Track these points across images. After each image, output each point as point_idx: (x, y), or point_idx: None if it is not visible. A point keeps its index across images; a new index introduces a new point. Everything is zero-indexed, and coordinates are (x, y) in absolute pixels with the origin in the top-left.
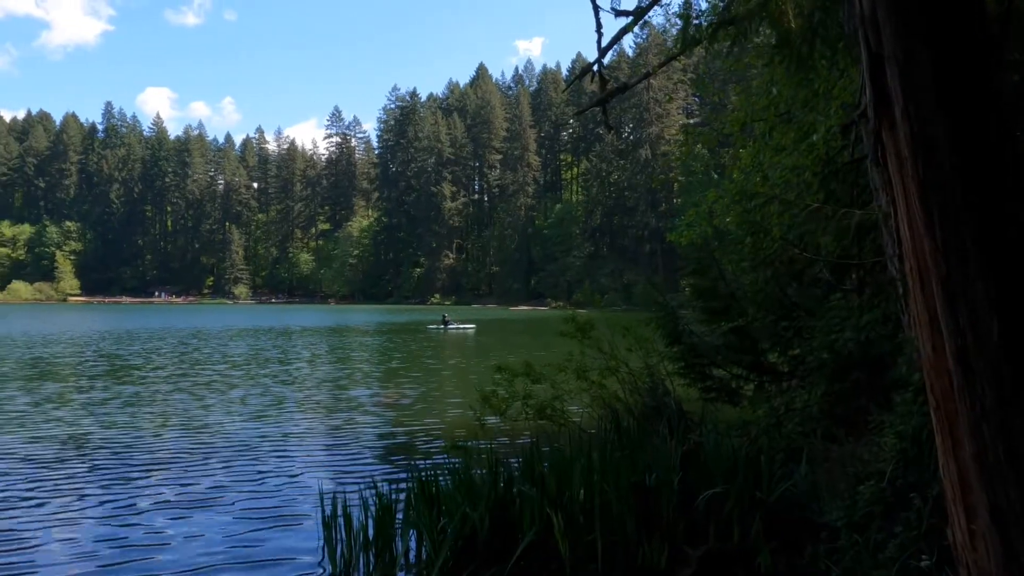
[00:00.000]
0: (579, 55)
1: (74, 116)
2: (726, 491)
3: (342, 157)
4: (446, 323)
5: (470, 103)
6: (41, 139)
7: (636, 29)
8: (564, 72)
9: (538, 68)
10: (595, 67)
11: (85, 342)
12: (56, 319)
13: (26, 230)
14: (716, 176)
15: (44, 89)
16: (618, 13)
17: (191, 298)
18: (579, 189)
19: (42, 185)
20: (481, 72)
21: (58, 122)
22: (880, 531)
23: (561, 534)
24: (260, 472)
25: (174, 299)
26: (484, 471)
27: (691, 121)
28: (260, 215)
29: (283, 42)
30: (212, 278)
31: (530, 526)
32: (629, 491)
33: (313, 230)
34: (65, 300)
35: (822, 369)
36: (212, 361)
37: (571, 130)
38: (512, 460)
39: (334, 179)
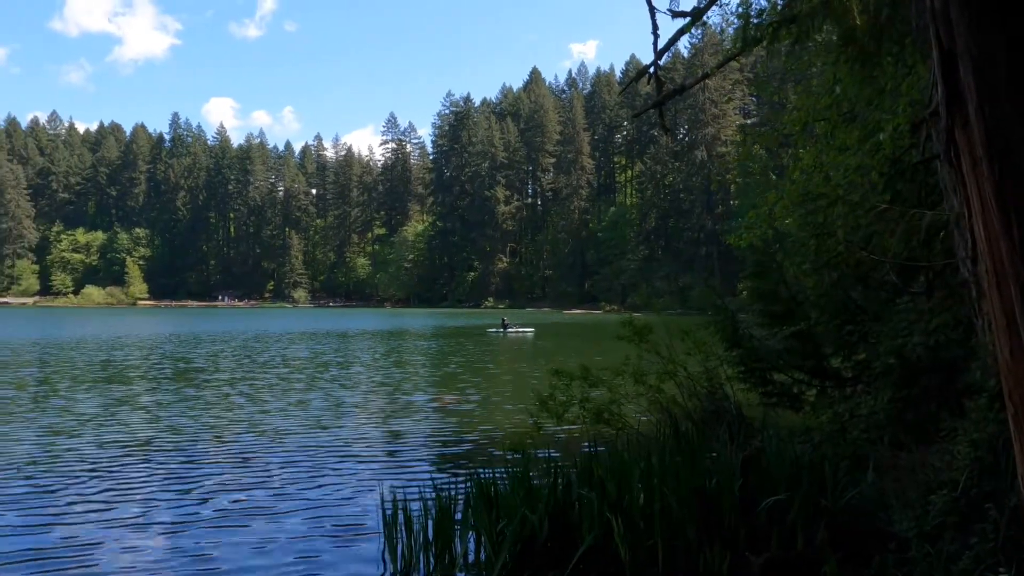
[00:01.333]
0: (633, 57)
1: (143, 127)
2: (789, 498)
3: (397, 163)
4: (505, 327)
5: (523, 107)
6: (112, 149)
7: (692, 29)
8: (618, 74)
9: (592, 71)
10: (651, 69)
11: (153, 345)
12: (126, 322)
13: (99, 237)
14: (775, 177)
15: (116, 102)
16: (675, 14)
17: (253, 302)
18: (633, 192)
19: (113, 193)
20: (534, 76)
21: (128, 133)
22: (953, 542)
23: (621, 538)
24: (321, 473)
25: (237, 303)
26: (542, 474)
27: (748, 122)
28: (318, 220)
29: (341, 51)
30: (272, 282)
31: (589, 530)
32: (690, 496)
33: (369, 235)
34: (135, 304)
35: (889, 374)
36: (273, 364)
37: (625, 132)
38: (569, 464)
39: (390, 184)
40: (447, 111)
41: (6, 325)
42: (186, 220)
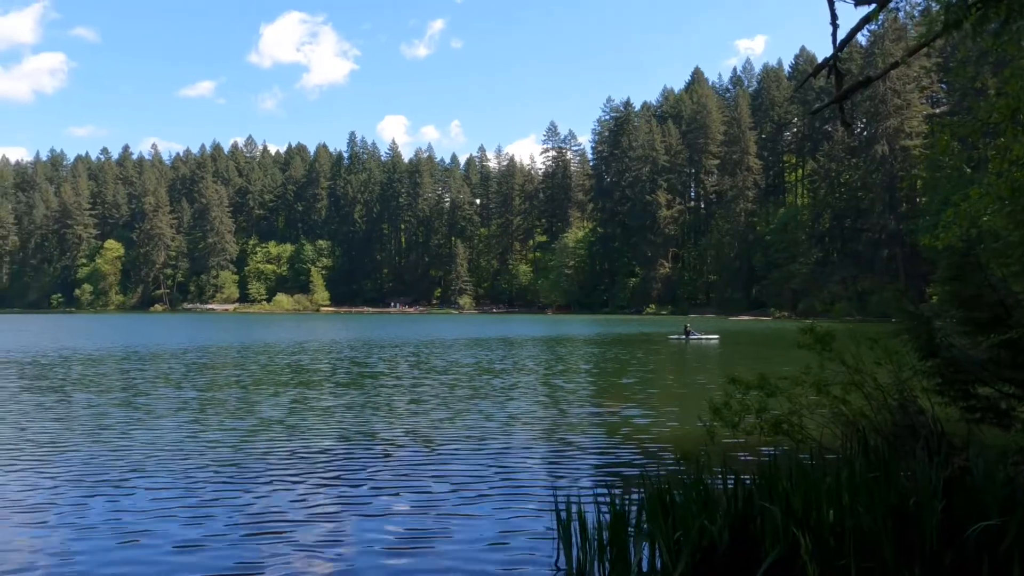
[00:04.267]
0: (803, 50)
1: (325, 147)
2: (1003, 524)
3: (558, 170)
4: (688, 334)
5: (685, 109)
6: (299, 168)
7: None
8: (787, 69)
9: (758, 68)
10: (830, 62)
11: (334, 350)
12: (310, 328)
13: (288, 249)
14: (969, 171)
15: (302, 124)
16: (858, 2)
17: (421, 308)
18: (805, 192)
19: (300, 209)
20: (696, 76)
21: (312, 153)
22: None
23: (809, 556)
24: (493, 477)
25: (407, 309)
26: (720, 484)
27: (937, 111)
28: (482, 229)
29: (505, 65)
30: (440, 289)
31: (773, 545)
32: (886, 516)
33: (531, 242)
34: (318, 310)
35: None
36: (446, 370)
37: (795, 130)
38: (747, 475)
39: (550, 192)
40: (607, 117)
41: (208, 330)
42: (362, 232)
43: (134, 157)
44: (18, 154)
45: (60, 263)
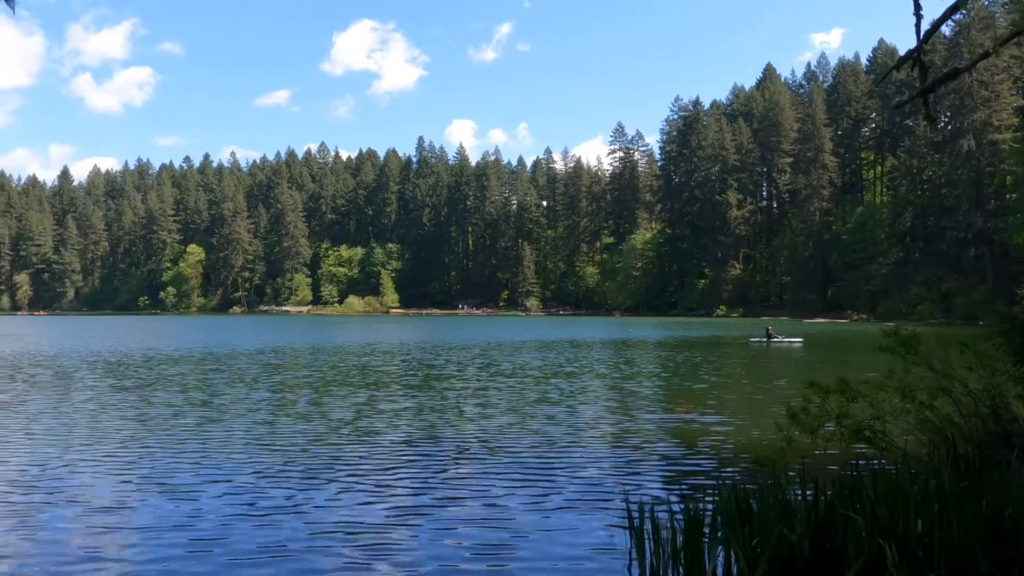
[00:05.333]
0: (881, 42)
1: (394, 152)
2: None
3: (625, 171)
4: (769, 336)
5: (756, 106)
6: (369, 173)
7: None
8: (864, 63)
9: (833, 62)
10: (914, 54)
11: (402, 351)
12: (380, 330)
13: (359, 252)
14: None
15: (372, 130)
16: None
17: (489, 310)
18: (884, 189)
19: (370, 213)
20: (768, 73)
21: (382, 158)
22: None
23: (896, 567)
24: (564, 479)
25: (474, 311)
26: (799, 491)
27: None
28: (549, 231)
29: (571, 67)
30: (507, 291)
31: (857, 556)
32: (979, 527)
33: (598, 244)
34: (387, 312)
35: None
36: (515, 373)
37: (873, 125)
38: (826, 482)
39: (618, 193)
40: (675, 116)
41: (283, 331)
42: (430, 235)
43: (214, 165)
44: (108, 164)
45: (146, 267)
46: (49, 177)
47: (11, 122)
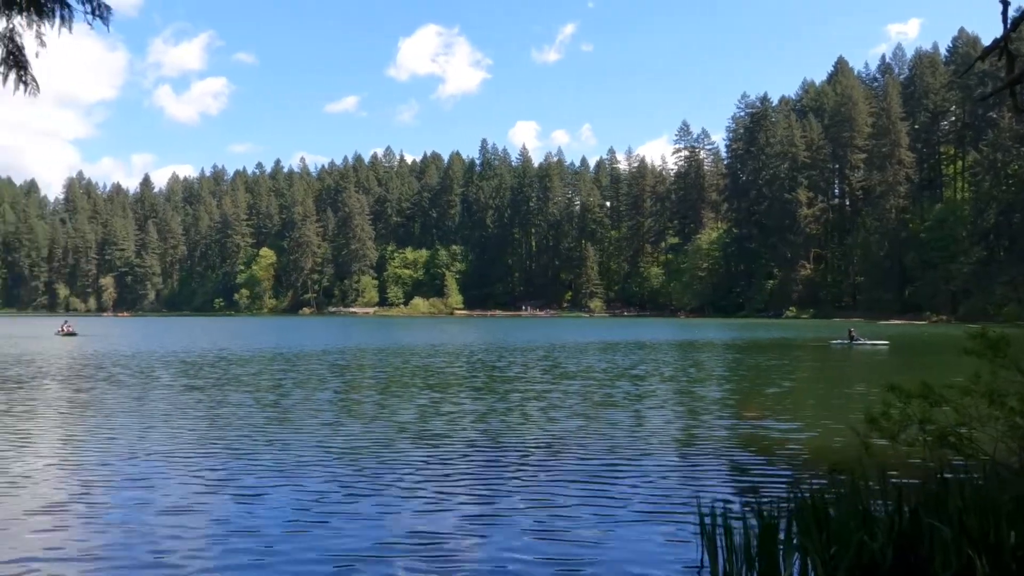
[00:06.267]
0: (962, 31)
1: (458, 154)
2: None
3: (690, 170)
4: (852, 339)
5: (827, 101)
6: (433, 176)
7: None
8: (943, 53)
9: (909, 53)
10: (1001, 43)
11: (466, 352)
12: (445, 331)
13: (423, 254)
14: None
15: (437, 134)
16: None
17: (552, 311)
18: (965, 185)
19: (434, 215)
20: (840, 66)
21: (446, 161)
22: None
23: None
24: (632, 484)
25: (538, 312)
26: (876, 499)
27: None
28: (613, 232)
29: (635, 66)
30: (570, 292)
31: (944, 567)
32: None
33: (663, 244)
34: (452, 313)
35: None
36: (582, 375)
37: (953, 119)
38: (909, 490)
39: (683, 193)
40: (742, 113)
41: (350, 332)
42: (494, 236)
43: (285, 170)
44: (186, 171)
45: (221, 270)
46: (132, 185)
47: (98, 134)
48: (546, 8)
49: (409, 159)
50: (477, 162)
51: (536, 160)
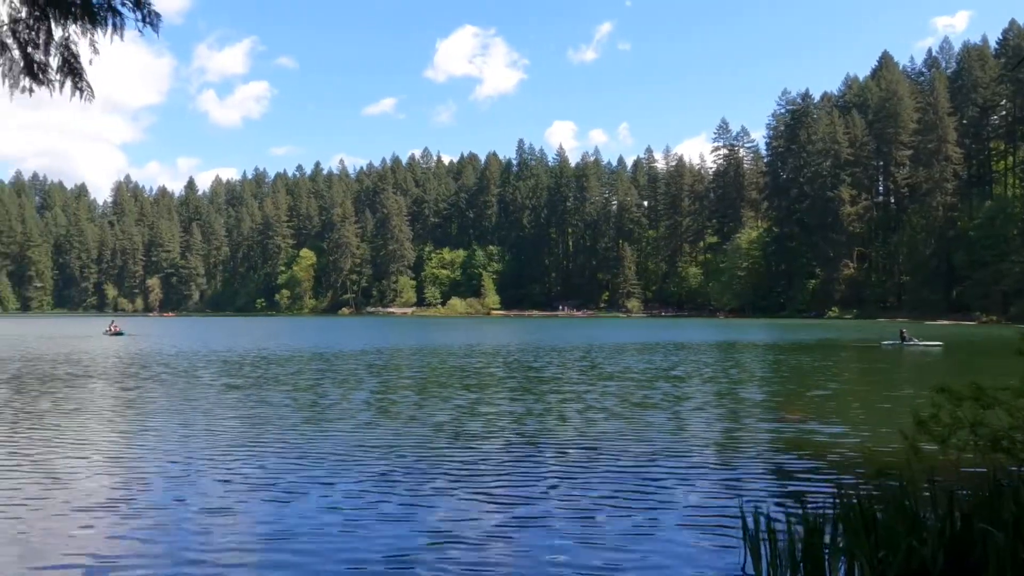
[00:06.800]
0: (1013, 23)
1: (494, 155)
2: None
3: (730, 168)
4: (904, 339)
5: (871, 97)
6: (470, 177)
7: None
8: (993, 46)
9: (956, 47)
10: None
11: (503, 352)
12: (482, 330)
13: (460, 255)
14: None
15: (473, 134)
16: None
17: (589, 311)
18: (1017, 181)
19: (471, 216)
20: (884, 61)
21: (483, 161)
22: None
23: None
24: (674, 485)
25: (574, 312)
26: (924, 503)
27: None
28: (650, 231)
29: (674, 64)
30: (607, 293)
31: (998, 573)
32: None
33: (701, 243)
34: (488, 313)
35: None
36: (622, 376)
37: (1004, 113)
38: (957, 495)
39: (721, 191)
40: (783, 110)
41: (389, 333)
42: (530, 236)
43: (324, 172)
44: (229, 174)
45: (263, 270)
46: (177, 187)
47: (145, 138)
48: (583, 8)
49: (446, 160)
50: (514, 162)
51: (573, 160)
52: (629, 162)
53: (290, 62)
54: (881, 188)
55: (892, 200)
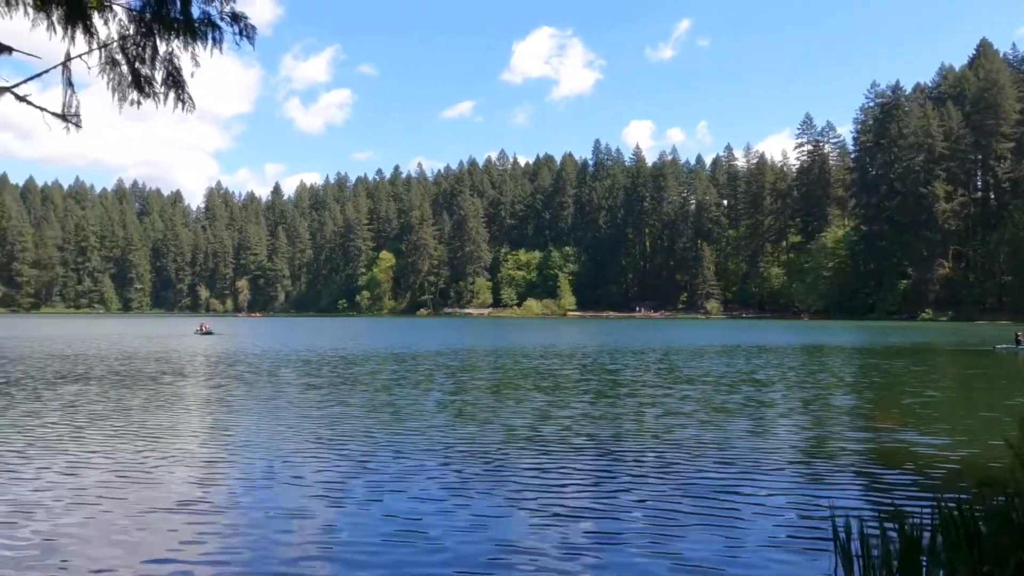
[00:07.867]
0: None
1: (571, 156)
2: None
3: (814, 165)
4: (1019, 343)
5: (969, 87)
6: (546, 178)
7: None
8: None
9: None
10: None
11: (579, 354)
12: (558, 331)
13: (536, 256)
14: None
15: (549, 136)
16: None
17: (667, 312)
18: None
19: (547, 217)
20: (983, 49)
21: (559, 162)
22: None
23: None
24: (759, 494)
25: (652, 313)
26: None
27: None
28: (730, 231)
29: (755, 59)
30: (686, 293)
31: None
32: None
33: (784, 243)
34: (564, 315)
35: None
36: (696, 378)
37: None
38: None
39: (805, 189)
40: (871, 104)
41: (465, 334)
42: (607, 237)
43: (403, 176)
44: (312, 179)
45: (344, 272)
46: (264, 193)
47: (235, 146)
48: (660, 5)
49: (522, 161)
50: (590, 163)
51: (650, 159)
52: (708, 160)
53: (370, 69)
54: (979, 183)
55: (992, 196)
